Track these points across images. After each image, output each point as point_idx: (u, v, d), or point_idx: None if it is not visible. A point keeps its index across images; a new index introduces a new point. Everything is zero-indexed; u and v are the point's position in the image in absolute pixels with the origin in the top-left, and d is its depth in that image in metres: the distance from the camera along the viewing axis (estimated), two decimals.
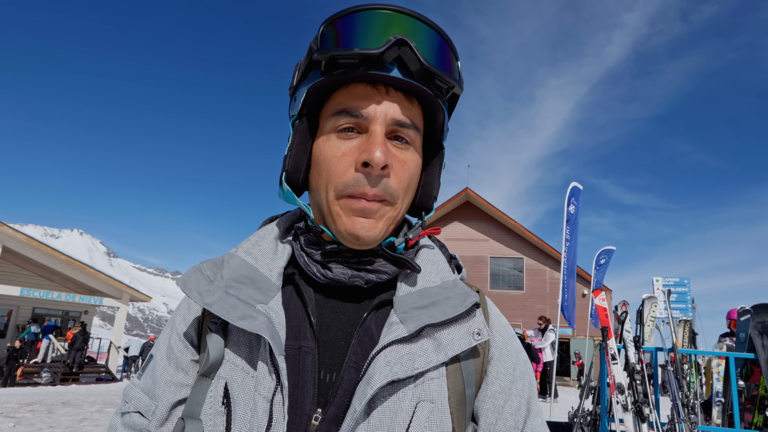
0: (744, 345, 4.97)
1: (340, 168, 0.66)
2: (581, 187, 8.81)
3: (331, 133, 0.67)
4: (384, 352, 0.62)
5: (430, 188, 0.75)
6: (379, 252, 0.70)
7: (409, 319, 0.65)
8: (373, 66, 0.63)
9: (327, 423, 0.61)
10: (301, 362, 0.64)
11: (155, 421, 0.66)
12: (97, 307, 20.04)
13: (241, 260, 0.71)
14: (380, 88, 0.66)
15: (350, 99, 0.66)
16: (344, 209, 0.66)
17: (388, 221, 0.68)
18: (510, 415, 0.69)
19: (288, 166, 0.70)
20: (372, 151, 0.63)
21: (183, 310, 0.74)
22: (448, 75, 0.66)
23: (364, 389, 0.59)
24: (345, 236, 0.67)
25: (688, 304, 11.18)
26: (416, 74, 0.64)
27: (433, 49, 0.66)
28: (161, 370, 0.69)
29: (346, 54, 0.62)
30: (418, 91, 0.67)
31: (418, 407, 0.62)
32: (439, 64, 0.66)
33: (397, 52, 0.62)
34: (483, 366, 0.71)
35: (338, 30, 0.64)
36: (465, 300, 0.68)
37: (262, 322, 0.63)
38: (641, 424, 4.30)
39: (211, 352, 0.64)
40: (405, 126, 0.67)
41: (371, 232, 0.66)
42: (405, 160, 0.68)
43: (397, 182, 0.67)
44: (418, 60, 0.63)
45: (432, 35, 0.66)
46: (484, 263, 24.49)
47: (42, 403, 10.03)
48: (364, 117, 0.65)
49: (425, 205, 0.76)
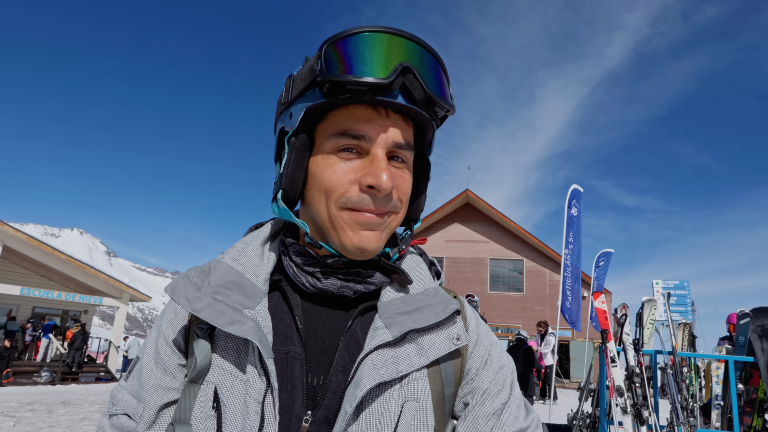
0: (743, 348, 4.97)
1: (341, 186, 0.67)
2: (582, 190, 8.82)
3: (330, 152, 0.68)
4: (371, 356, 0.65)
5: (419, 201, 0.79)
6: (373, 262, 0.72)
7: (394, 324, 0.68)
8: (380, 93, 0.64)
9: (317, 425, 0.64)
10: (289, 366, 0.66)
11: (143, 424, 0.66)
12: (97, 306, 20.07)
13: (228, 266, 0.72)
14: (381, 111, 0.67)
15: (352, 121, 0.67)
16: (348, 223, 0.67)
17: (389, 231, 0.71)
18: (491, 413, 0.71)
19: (285, 184, 0.70)
20: (379, 176, 0.64)
21: (169, 314, 0.74)
22: (446, 102, 0.69)
23: (354, 392, 0.62)
24: (351, 250, 0.68)
25: (688, 306, 11.18)
26: (419, 102, 0.66)
27: (433, 75, 0.68)
28: (148, 373, 0.70)
29: (356, 81, 0.62)
30: (416, 115, 0.69)
31: (405, 407, 0.65)
32: (438, 91, 0.68)
33: (401, 79, 0.64)
34: (462, 367, 0.74)
35: (342, 53, 0.64)
36: (446, 307, 0.72)
37: (250, 327, 0.64)
38: (640, 426, 4.30)
39: (199, 358, 0.65)
40: (402, 147, 0.69)
41: (376, 244, 0.68)
42: (404, 177, 0.71)
43: (400, 195, 0.70)
44: (422, 89, 0.65)
45: (431, 61, 0.68)
46: (484, 265, 24.48)
47: (42, 402, 10.03)
48: (366, 140, 0.66)
49: (414, 216, 0.80)
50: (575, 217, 8.53)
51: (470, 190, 24.15)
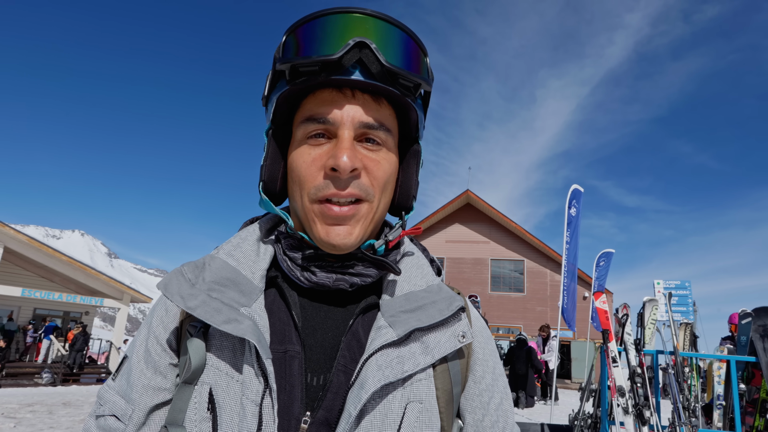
0: (745, 348, 4.96)
1: (310, 173, 0.66)
2: (582, 190, 8.81)
3: (302, 140, 0.67)
4: (375, 356, 0.63)
5: (407, 187, 0.75)
6: (359, 255, 0.70)
7: (398, 323, 0.66)
8: (334, 71, 0.63)
9: (316, 426, 0.62)
10: (288, 366, 0.64)
11: (132, 426, 0.65)
12: (98, 307, 20.08)
13: (223, 262, 0.70)
14: (346, 92, 0.66)
15: (317, 105, 0.66)
16: (318, 216, 0.66)
17: (365, 223, 0.68)
18: (494, 410, 0.73)
19: (264, 176, 0.71)
20: (338, 157, 0.62)
21: (160, 312, 0.72)
22: (412, 73, 0.65)
23: (358, 393, 0.60)
24: (321, 244, 0.67)
25: (689, 307, 11.16)
26: (378, 75, 0.64)
27: (396, 48, 0.65)
28: (138, 373, 0.67)
29: (306, 62, 0.62)
30: (385, 92, 0.67)
31: (408, 408, 0.63)
32: (402, 63, 0.65)
33: (357, 54, 0.62)
34: (468, 366, 0.73)
35: (299, 38, 0.65)
36: (451, 304, 0.70)
37: (248, 326, 0.62)
38: (642, 427, 4.29)
39: (193, 357, 0.63)
40: (373, 128, 0.66)
41: (347, 239, 0.66)
42: (378, 160, 0.67)
43: (370, 180, 0.67)
44: (378, 61, 0.63)
45: (395, 34, 0.65)
46: (485, 265, 24.45)
47: (42, 403, 10.03)
48: (331, 122, 0.65)
49: (404, 205, 0.76)
50: (574, 217, 8.53)
51: (471, 191, 24.11)
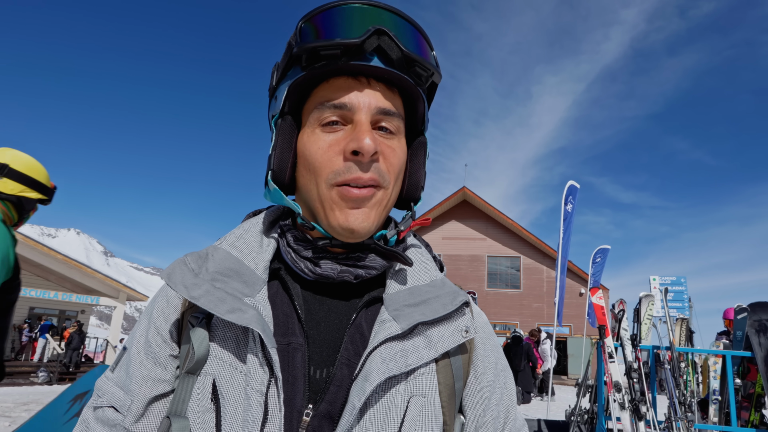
0: (741, 343, 4.98)
1: (327, 158, 0.66)
2: (578, 186, 8.83)
3: (315, 127, 0.67)
4: (379, 349, 0.63)
5: (416, 178, 0.75)
6: (371, 245, 0.69)
7: (402, 316, 0.66)
8: (354, 56, 0.64)
9: (318, 419, 0.61)
10: (291, 358, 0.64)
11: (130, 417, 0.64)
12: (94, 306, 20.02)
13: (226, 253, 0.70)
14: (362, 80, 0.67)
15: (333, 91, 0.66)
16: (336, 202, 0.66)
17: (380, 209, 0.68)
18: (495, 406, 0.73)
19: (273, 165, 0.70)
20: (361, 139, 0.63)
21: (161, 302, 0.71)
22: (427, 61, 0.68)
23: (362, 386, 0.60)
24: (339, 231, 0.66)
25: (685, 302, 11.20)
26: (397, 62, 0.65)
27: (411, 38, 0.67)
28: (138, 364, 0.67)
29: (328, 45, 0.63)
30: (399, 81, 0.68)
31: (411, 402, 0.63)
32: (417, 50, 0.67)
33: (376, 41, 0.64)
34: (470, 361, 0.73)
35: (317, 25, 0.65)
36: (455, 299, 0.70)
37: (252, 315, 0.61)
38: (638, 422, 4.31)
39: (197, 347, 0.62)
40: (389, 114, 0.67)
41: (365, 223, 0.66)
42: (393, 147, 0.68)
43: (387, 166, 0.67)
44: (398, 48, 0.64)
45: (408, 27, 0.68)
46: (482, 262, 24.52)
47: (38, 402, 10.00)
48: (348, 108, 0.65)
49: (413, 196, 0.76)
50: (570, 213, 8.54)
51: (467, 188, 24.17)
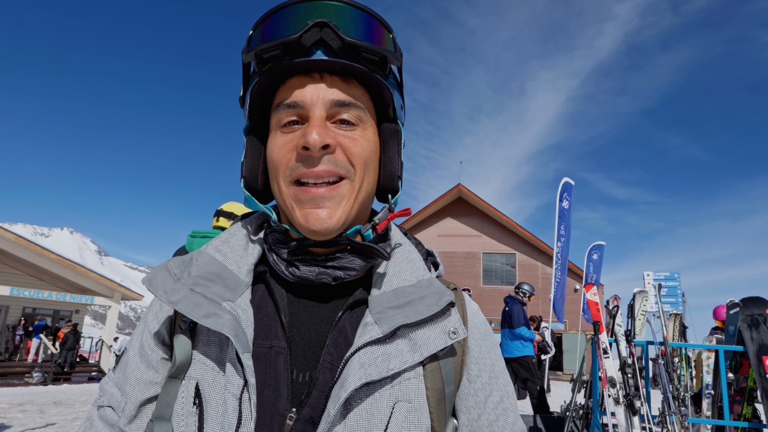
0: (733, 338, 5.02)
1: (283, 155, 0.66)
2: (573, 183, 8.85)
3: (276, 130, 0.68)
4: (358, 353, 0.61)
5: (391, 168, 0.73)
6: (343, 242, 0.68)
7: (384, 319, 0.64)
8: (296, 53, 0.63)
9: (302, 423, 0.60)
10: (273, 362, 0.64)
11: (124, 418, 0.65)
12: (89, 306, 19.92)
13: (210, 257, 0.70)
14: (314, 76, 0.66)
15: (288, 92, 0.66)
16: (295, 200, 0.65)
17: (347, 205, 0.66)
18: (492, 409, 0.71)
19: (244, 172, 0.71)
20: (308, 134, 0.62)
21: (155, 307, 0.73)
22: (374, 46, 0.65)
23: (338, 392, 0.59)
24: (303, 230, 0.66)
25: (679, 298, 11.26)
26: (340, 51, 0.63)
27: (356, 24, 0.65)
28: (133, 366, 0.68)
29: (267, 46, 0.63)
30: (353, 71, 0.66)
31: (396, 408, 0.61)
32: (363, 36, 0.65)
33: (318, 34, 0.62)
34: (462, 364, 0.71)
35: (262, 29, 0.66)
36: (440, 299, 0.67)
37: (227, 320, 0.61)
38: (632, 417, 4.34)
39: (178, 353, 0.63)
40: (346, 105, 0.66)
41: (327, 223, 0.64)
42: (354, 137, 0.67)
43: (348, 156, 0.66)
44: (338, 37, 0.63)
45: (355, 13, 0.66)
46: (477, 259, 24.56)
47: (33, 403, 9.95)
48: (301, 105, 0.65)
49: (390, 186, 0.73)
50: (566, 210, 8.57)
51: (462, 185, 24.17)
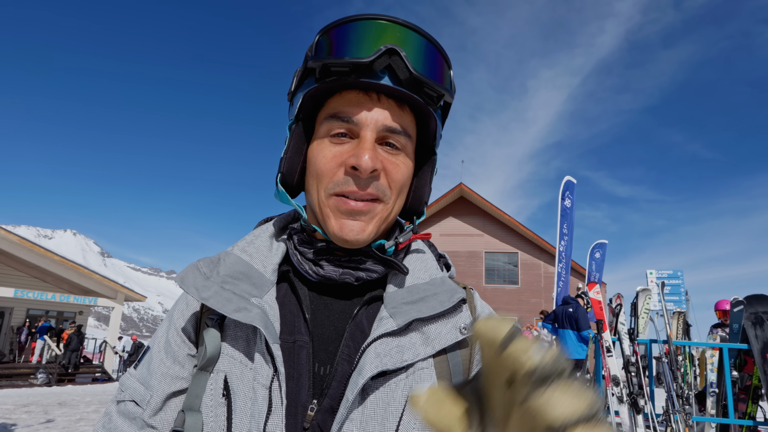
0: (737, 336, 5.01)
1: (330, 168, 0.69)
2: (575, 181, 8.84)
3: (324, 137, 0.70)
4: (374, 344, 0.65)
5: (421, 193, 0.78)
6: (369, 253, 0.72)
7: (398, 313, 0.68)
8: (363, 74, 0.65)
9: (322, 413, 0.64)
10: (296, 355, 0.68)
11: (149, 410, 0.68)
12: (92, 307, 19.97)
13: (237, 257, 0.74)
14: (372, 96, 0.68)
15: (342, 105, 0.69)
16: (333, 210, 0.69)
17: (378, 222, 0.71)
18: None
19: (283, 168, 0.74)
20: (360, 156, 0.65)
21: (181, 306, 0.76)
22: (437, 84, 0.68)
23: (356, 379, 0.63)
24: (335, 238, 0.70)
25: (682, 296, 11.23)
26: (405, 82, 0.66)
27: (424, 58, 0.68)
28: (158, 362, 0.71)
29: (338, 62, 0.65)
30: (409, 99, 0.69)
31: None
32: (428, 72, 0.68)
33: (387, 60, 0.65)
34: (471, 358, 0.74)
35: (332, 39, 0.67)
36: (452, 296, 0.72)
37: (256, 314, 0.65)
38: (636, 415, 4.33)
39: (209, 346, 0.66)
40: (395, 132, 0.69)
41: (360, 235, 0.69)
42: (397, 163, 0.70)
43: (388, 182, 0.70)
44: (407, 69, 0.65)
45: (423, 44, 0.68)
46: (479, 258, 24.53)
47: (38, 404, 9.99)
48: (355, 123, 0.68)
49: (416, 210, 0.79)
50: (569, 208, 8.56)
51: (464, 184, 24.14)
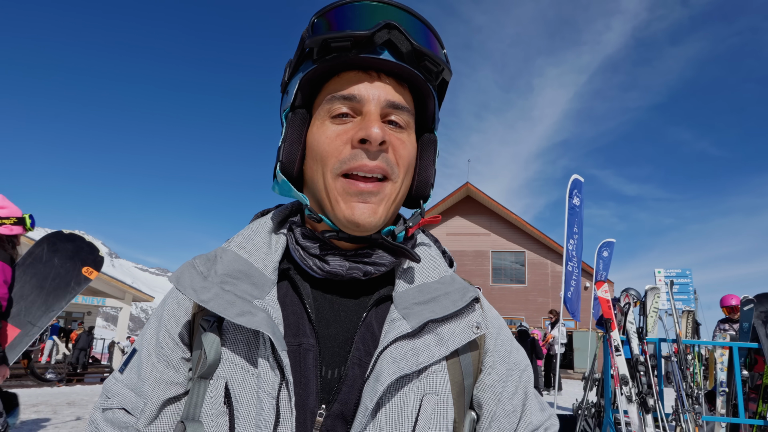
0: (747, 335, 4.97)
1: (335, 147, 0.66)
2: (582, 180, 8.78)
3: (325, 119, 0.68)
4: (389, 348, 0.62)
5: (426, 175, 0.75)
6: (379, 240, 0.69)
7: (411, 315, 0.65)
8: (364, 49, 0.64)
9: (331, 419, 0.61)
10: (302, 359, 0.64)
11: (144, 419, 0.64)
12: (100, 308, 20.10)
13: (235, 255, 0.70)
14: (372, 74, 0.67)
15: (343, 84, 0.67)
16: (341, 193, 0.65)
17: (388, 203, 0.67)
18: (508, 399, 0.72)
19: (282, 157, 0.70)
20: (369, 128, 0.63)
21: (171, 305, 0.71)
22: (438, 56, 0.68)
23: (374, 386, 0.59)
24: (344, 223, 0.66)
25: (691, 295, 11.15)
26: (407, 56, 0.66)
27: (421, 33, 0.68)
28: (149, 366, 0.67)
29: (338, 36, 0.63)
30: (409, 76, 0.68)
31: (424, 400, 0.63)
32: (427, 44, 0.68)
33: (387, 35, 0.64)
34: (480, 357, 0.72)
35: (330, 19, 0.66)
36: (464, 295, 0.69)
37: (262, 318, 0.61)
38: (645, 415, 4.30)
39: (209, 352, 0.62)
40: (399, 108, 0.67)
41: (371, 218, 0.65)
42: (402, 139, 0.68)
43: (396, 158, 0.67)
44: (408, 41, 0.65)
45: (418, 24, 0.68)
46: (486, 257, 24.47)
47: (47, 403, 10.06)
48: (358, 99, 0.66)
49: (422, 193, 0.75)
50: (577, 207, 8.50)
51: (470, 183, 24.10)
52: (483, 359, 0.73)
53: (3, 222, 3.31)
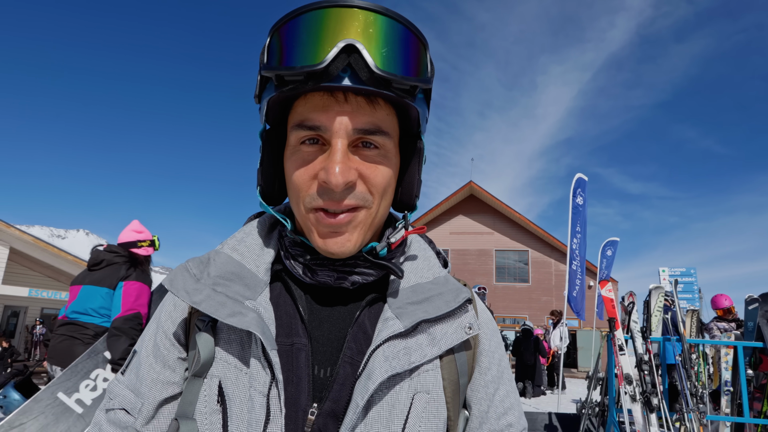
0: (752, 334, 4.95)
1: (303, 181, 0.63)
2: (586, 179, 8.77)
3: (295, 145, 0.64)
4: (382, 347, 0.63)
5: (409, 187, 0.72)
6: (360, 258, 0.68)
7: (404, 314, 0.66)
8: (321, 79, 0.57)
9: (323, 417, 0.62)
10: (294, 358, 0.65)
11: (141, 419, 0.65)
12: None
13: (228, 257, 0.70)
14: (338, 96, 0.61)
15: (308, 111, 0.62)
16: (315, 225, 0.64)
17: (363, 229, 0.66)
18: (499, 402, 0.73)
19: (260, 181, 0.70)
20: (330, 171, 0.59)
21: (168, 307, 0.72)
22: (405, 77, 0.60)
23: (365, 384, 0.60)
24: (320, 251, 0.66)
25: (695, 294, 11.11)
26: (368, 82, 0.58)
27: (390, 46, 0.59)
28: (147, 367, 0.68)
29: (290, 72, 0.58)
30: (378, 95, 0.62)
31: (415, 398, 0.63)
32: (395, 65, 0.59)
33: (346, 60, 0.57)
34: (474, 357, 0.73)
35: (283, 41, 0.60)
36: (457, 296, 0.70)
37: (252, 318, 0.62)
38: (650, 414, 4.30)
39: (202, 351, 0.63)
40: (369, 133, 0.62)
41: (344, 247, 0.64)
42: (375, 166, 0.64)
43: (369, 187, 0.64)
44: (367, 68, 0.57)
45: (389, 28, 0.60)
46: (490, 256, 24.45)
47: None
48: (323, 130, 0.61)
49: (407, 204, 0.73)
50: (581, 206, 8.49)
51: (474, 182, 24.06)
52: (478, 359, 0.73)
53: (141, 245, 3.67)
